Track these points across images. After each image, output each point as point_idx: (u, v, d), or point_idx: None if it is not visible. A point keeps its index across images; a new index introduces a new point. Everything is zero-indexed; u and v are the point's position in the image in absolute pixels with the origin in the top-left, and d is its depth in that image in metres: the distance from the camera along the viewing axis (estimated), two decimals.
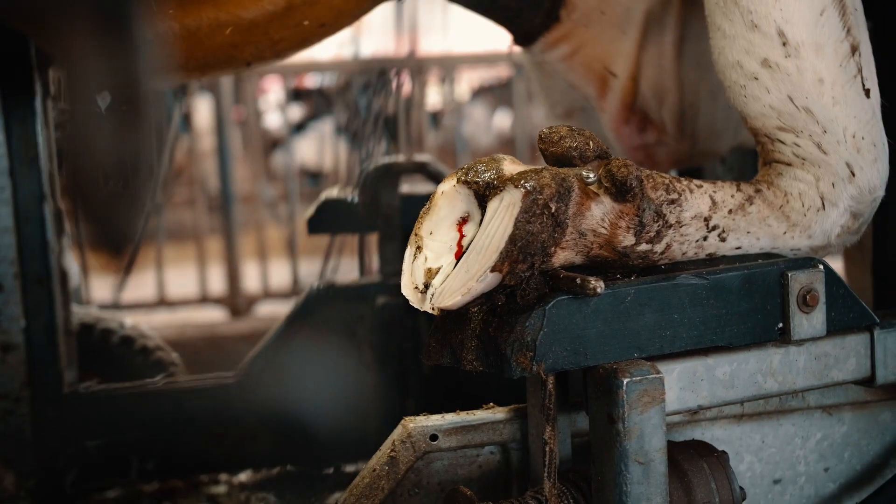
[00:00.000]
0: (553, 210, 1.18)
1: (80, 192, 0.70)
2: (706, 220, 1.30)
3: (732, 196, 1.32)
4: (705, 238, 1.30)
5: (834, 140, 1.32)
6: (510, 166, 1.23)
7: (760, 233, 1.33)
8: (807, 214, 1.34)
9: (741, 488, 1.27)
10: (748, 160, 2.16)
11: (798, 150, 1.33)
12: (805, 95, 1.31)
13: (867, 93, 1.34)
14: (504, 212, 1.17)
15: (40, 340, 2.14)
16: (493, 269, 1.17)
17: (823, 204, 1.34)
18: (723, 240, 1.31)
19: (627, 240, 1.25)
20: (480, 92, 9.64)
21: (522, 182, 1.17)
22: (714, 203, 1.30)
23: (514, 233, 1.16)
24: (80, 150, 0.68)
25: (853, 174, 1.34)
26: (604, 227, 1.23)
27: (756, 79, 1.32)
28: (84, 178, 0.70)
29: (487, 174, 1.22)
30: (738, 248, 1.33)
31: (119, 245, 0.77)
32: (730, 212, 1.31)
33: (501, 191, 1.19)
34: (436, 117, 8.16)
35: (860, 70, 1.33)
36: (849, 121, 1.33)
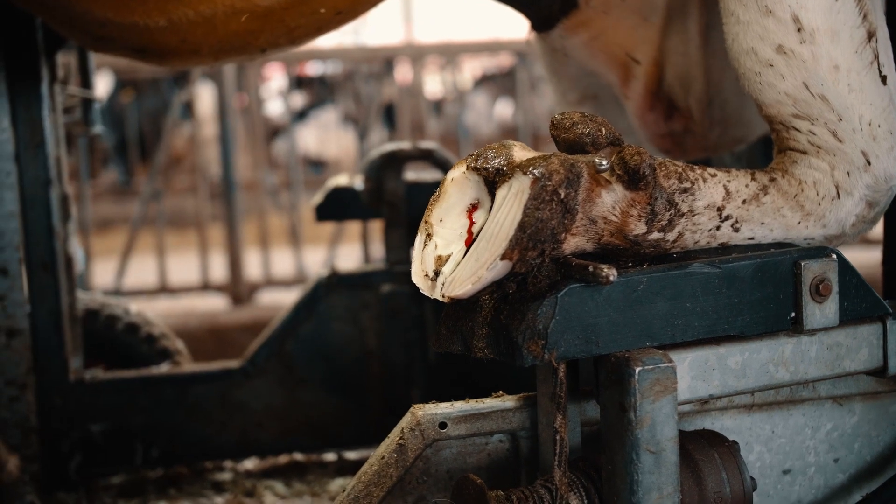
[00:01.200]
0: (562, 196, 1.17)
1: None
2: (719, 209, 1.29)
3: (747, 186, 1.31)
4: (718, 228, 1.29)
5: (849, 128, 1.31)
6: (520, 153, 1.23)
7: (774, 224, 1.32)
8: (821, 203, 1.33)
9: (752, 478, 1.26)
10: (757, 149, 2.15)
11: (813, 138, 1.32)
12: (820, 82, 1.30)
13: (884, 80, 1.33)
14: (513, 199, 1.16)
15: (45, 326, 2.13)
16: (502, 257, 1.16)
17: (838, 193, 1.33)
18: (736, 230, 1.30)
19: (639, 228, 1.24)
20: (483, 80, 9.62)
21: (531, 168, 1.17)
22: (728, 193, 1.29)
23: (524, 220, 1.15)
24: None
25: (869, 163, 1.32)
26: (615, 214, 1.22)
27: (771, 66, 1.31)
28: None
29: (497, 161, 1.21)
30: (752, 238, 1.32)
31: None
32: (744, 202, 1.30)
33: (510, 178, 1.18)
34: (438, 105, 8.14)
35: (876, 57, 1.32)
36: (865, 108, 1.31)
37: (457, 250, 1.22)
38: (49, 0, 1.63)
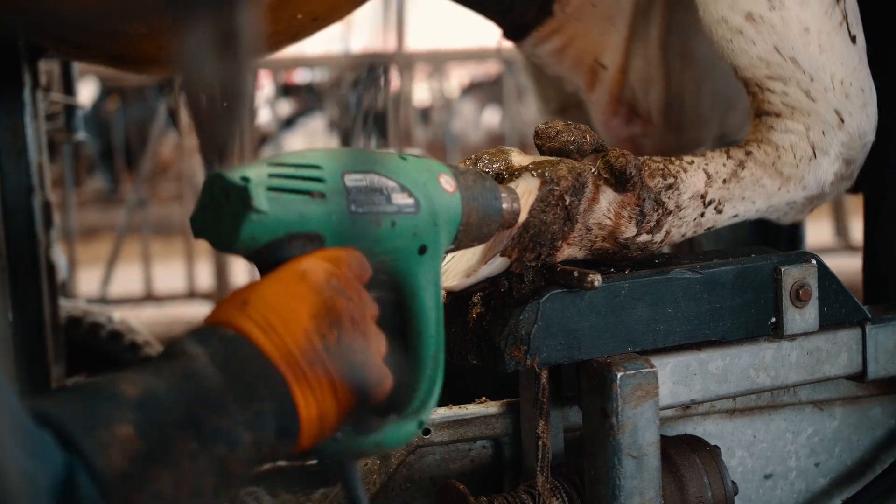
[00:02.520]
0: (567, 203, 1.18)
1: (192, 112, 0.89)
2: (703, 196, 1.29)
3: (724, 164, 1.32)
4: (702, 214, 1.30)
5: (821, 87, 1.32)
6: (518, 158, 1.24)
7: (755, 196, 1.33)
8: (799, 166, 1.34)
9: (733, 483, 1.27)
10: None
11: (787, 99, 1.33)
12: (791, 46, 1.31)
13: (853, 39, 1.34)
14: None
15: (27, 334, 2.12)
16: (502, 254, 1.16)
17: (815, 153, 1.34)
18: (719, 212, 1.31)
19: (629, 230, 1.25)
20: (470, 88, 9.63)
21: (540, 171, 1.18)
22: (708, 176, 1.30)
23: (529, 220, 1.16)
24: (192, 79, 0.88)
25: (842, 120, 1.34)
26: (609, 217, 1.23)
27: (741, 33, 1.32)
28: (194, 100, 0.88)
29: (496, 164, 1.22)
30: (735, 215, 1.33)
31: (221, 149, 0.92)
32: (724, 182, 1.31)
33: (517, 178, 1.19)
34: (425, 113, 8.15)
35: (845, 17, 1.33)
36: (836, 68, 1.32)
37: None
38: (25, 6, 1.62)
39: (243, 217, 0.90)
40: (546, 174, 1.17)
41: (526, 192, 1.17)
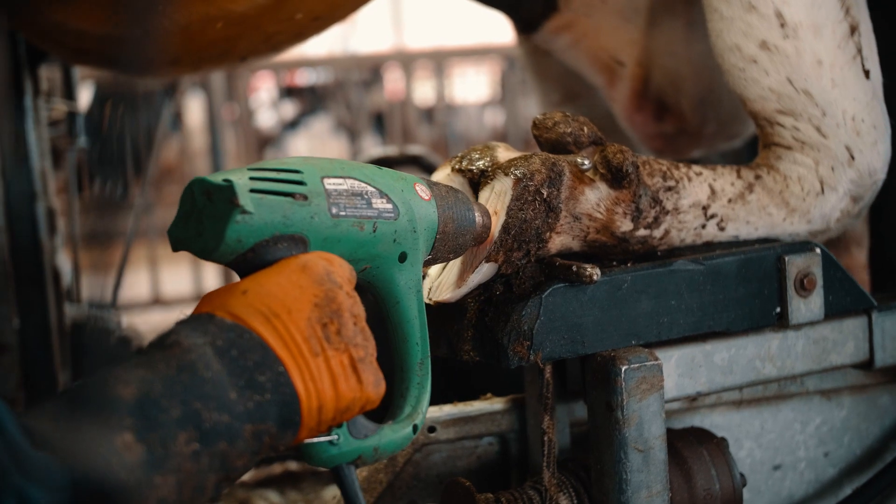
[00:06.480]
0: (545, 196, 1.17)
1: None
2: (704, 208, 1.29)
3: (732, 184, 1.31)
4: (703, 226, 1.30)
5: (833, 123, 1.31)
6: (504, 153, 1.23)
7: (759, 222, 1.32)
8: (806, 199, 1.33)
9: (741, 474, 1.26)
10: (745, 152, 2.15)
11: (797, 134, 1.32)
12: (804, 78, 1.30)
13: (867, 74, 1.32)
14: (496, 200, 1.16)
15: (34, 341, 2.12)
16: (487, 260, 1.16)
17: (823, 188, 1.33)
18: (721, 229, 1.30)
19: (625, 225, 1.24)
20: (472, 87, 9.62)
21: (512, 169, 1.17)
22: (713, 192, 1.29)
23: (507, 221, 1.15)
24: None
25: (853, 157, 1.32)
26: (600, 211, 1.22)
27: (755, 61, 1.31)
28: None
29: (481, 162, 1.21)
30: (736, 236, 1.32)
31: None
32: (729, 201, 1.30)
33: (492, 179, 1.18)
34: (429, 111, 8.14)
35: (860, 50, 1.32)
36: (848, 103, 1.31)
37: None
38: (25, 12, 1.62)
39: (228, 218, 0.89)
40: (518, 172, 1.16)
41: (501, 192, 1.16)
